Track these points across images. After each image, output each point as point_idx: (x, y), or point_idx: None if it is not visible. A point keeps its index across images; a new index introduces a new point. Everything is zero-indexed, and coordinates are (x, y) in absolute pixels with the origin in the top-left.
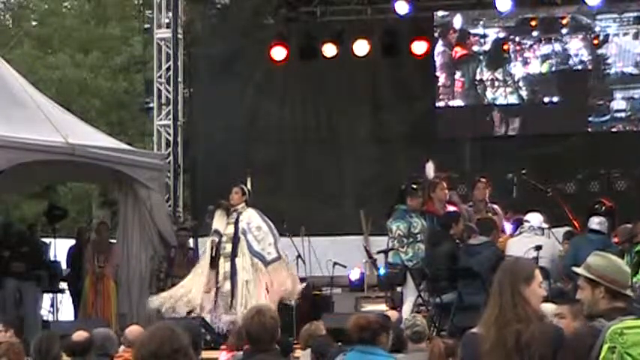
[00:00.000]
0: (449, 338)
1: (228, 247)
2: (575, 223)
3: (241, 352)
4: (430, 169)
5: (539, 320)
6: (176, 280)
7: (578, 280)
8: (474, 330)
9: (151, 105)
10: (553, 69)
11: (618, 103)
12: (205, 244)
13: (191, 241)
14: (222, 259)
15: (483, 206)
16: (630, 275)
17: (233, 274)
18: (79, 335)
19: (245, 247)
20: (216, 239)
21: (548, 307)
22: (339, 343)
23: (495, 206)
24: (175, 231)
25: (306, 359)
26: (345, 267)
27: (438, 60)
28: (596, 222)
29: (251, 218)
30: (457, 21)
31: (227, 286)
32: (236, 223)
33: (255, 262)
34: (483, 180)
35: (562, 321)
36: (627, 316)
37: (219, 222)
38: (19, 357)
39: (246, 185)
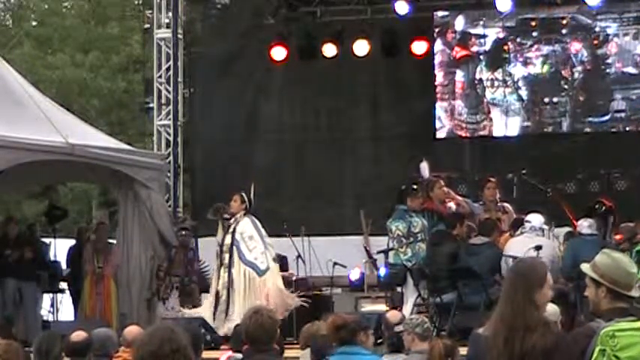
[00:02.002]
0: (448, 338)
1: (227, 257)
2: (575, 223)
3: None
4: (425, 169)
5: (545, 327)
6: (174, 278)
7: (586, 278)
8: (480, 330)
9: (151, 105)
10: (553, 69)
11: (618, 103)
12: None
13: (192, 240)
14: (222, 269)
15: (494, 206)
16: (636, 276)
17: (230, 284)
18: (78, 335)
19: (237, 258)
20: (217, 250)
21: (550, 308)
22: None
23: (506, 205)
24: (176, 231)
25: (306, 359)
26: (345, 267)
27: (438, 60)
28: (585, 226)
29: (244, 227)
30: (459, 22)
31: (225, 295)
32: (233, 232)
33: (248, 272)
34: (493, 180)
35: None
36: (625, 318)
37: (218, 232)
38: (17, 357)
39: (248, 193)
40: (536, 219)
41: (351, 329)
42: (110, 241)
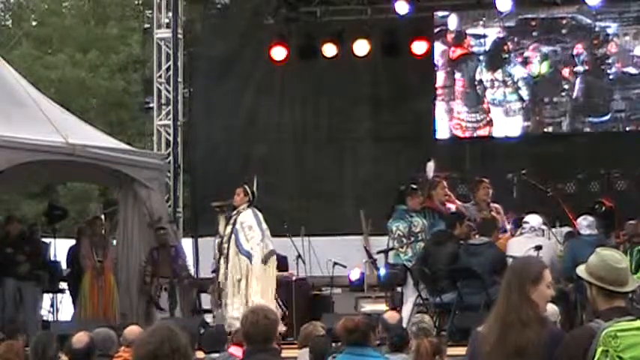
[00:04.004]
0: (434, 337)
1: (226, 248)
2: (575, 223)
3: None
4: (430, 168)
5: (540, 324)
6: (163, 280)
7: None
8: (480, 328)
9: (151, 105)
10: (553, 69)
11: (618, 103)
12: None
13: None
14: (222, 260)
15: (485, 206)
16: (627, 272)
17: (228, 274)
18: (80, 341)
19: (234, 247)
20: (218, 241)
21: (550, 308)
22: (339, 343)
23: (497, 206)
24: (155, 230)
25: (303, 358)
26: (345, 267)
27: (438, 60)
28: (585, 225)
29: (245, 217)
30: (452, 21)
31: (228, 285)
32: (234, 223)
33: (243, 262)
34: (486, 180)
35: None
36: (625, 317)
37: (220, 224)
38: (18, 357)
39: (251, 186)
40: (534, 219)
41: (362, 331)
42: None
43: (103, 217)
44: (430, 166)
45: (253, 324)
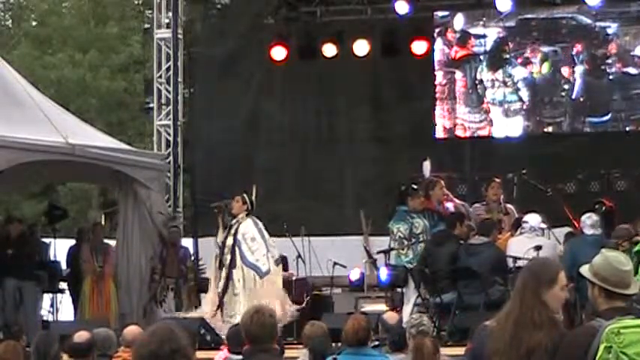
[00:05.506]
0: (431, 337)
1: (228, 259)
2: (575, 223)
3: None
4: (427, 168)
5: (552, 325)
6: (169, 280)
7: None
8: (487, 323)
9: (151, 105)
10: (553, 69)
11: (618, 103)
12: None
13: (187, 239)
14: (223, 270)
15: (497, 206)
16: (631, 275)
17: (231, 285)
18: (81, 336)
19: (239, 259)
20: (217, 250)
21: None
22: (339, 344)
23: (509, 206)
24: (167, 229)
25: (304, 359)
26: (345, 267)
27: (438, 60)
28: (588, 224)
29: (247, 229)
30: (458, 21)
31: (227, 296)
32: (235, 233)
33: (249, 274)
34: (497, 180)
35: None
36: (626, 316)
37: (218, 234)
38: (18, 357)
39: (250, 195)
40: (533, 219)
41: (369, 330)
42: (106, 241)
43: (103, 217)
44: (426, 165)
45: (259, 324)
